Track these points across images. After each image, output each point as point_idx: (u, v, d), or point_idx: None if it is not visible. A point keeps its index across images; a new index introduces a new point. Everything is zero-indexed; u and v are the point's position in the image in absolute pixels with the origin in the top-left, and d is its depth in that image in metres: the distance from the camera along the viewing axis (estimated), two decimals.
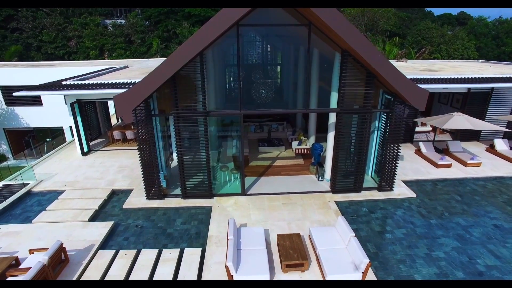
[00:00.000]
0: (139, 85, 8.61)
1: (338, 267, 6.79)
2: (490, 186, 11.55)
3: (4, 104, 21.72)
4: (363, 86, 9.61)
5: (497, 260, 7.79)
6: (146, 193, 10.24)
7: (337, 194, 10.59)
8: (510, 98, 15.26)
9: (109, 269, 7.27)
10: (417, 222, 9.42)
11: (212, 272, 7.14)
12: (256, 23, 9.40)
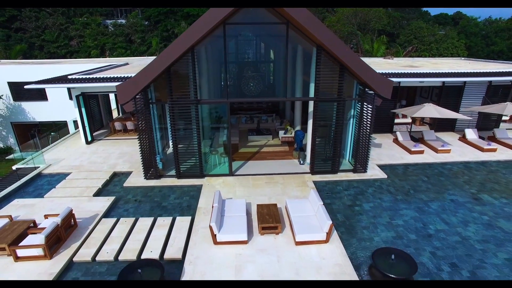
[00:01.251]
0: (138, 75, 9.84)
1: (306, 229, 7.99)
2: (455, 169, 12.76)
3: (11, 99, 22.97)
4: (337, 77, 10.81)
5: (445, 226, 9.00)
6: (144, 173, 11.48)
7: (316, 175, 11.81)
8: (481, 91, 16.42)
9: (111, 232, 8.49)
10: (384, 198, 10.63)
11: (199, 234, 8.36)
12: (241, 21, 10.57)
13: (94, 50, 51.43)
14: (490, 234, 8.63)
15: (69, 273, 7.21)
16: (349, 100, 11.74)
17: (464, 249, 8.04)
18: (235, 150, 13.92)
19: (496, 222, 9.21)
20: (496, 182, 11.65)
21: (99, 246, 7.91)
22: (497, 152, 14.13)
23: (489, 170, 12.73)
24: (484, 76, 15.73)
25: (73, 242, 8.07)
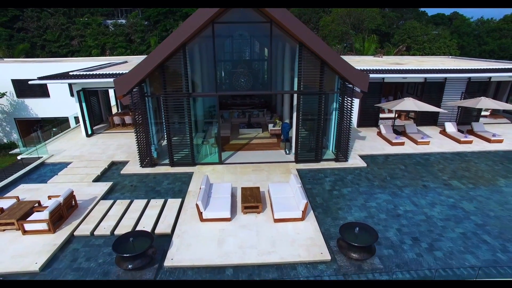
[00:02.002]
0: (133, 70, 10.71)
1: (284, 208, 8.85)
2: (432, 159, 13.61)
3: (15, 96, 23.88)
4: (318, 72, 11.66)
5: (414, 207, 9.86)
6: (140, 162, 12.37)
7: (300, 164, 12.68)
8: (461, 87, 17.25)
9: (108, 211, 9.37)
10: (362, 183, 11.49)
11: (188, 213, 9.23)
12: (229, 21, 11.40)
13: (95, 50, 52.30)
14: (452, 214, 9.48)
15: (70, 245, 8.09)
16: (331, 94, 12.56)
17: (427, 226, 8.90)
18: (226, 142, 14.79)
19: (460, 204, 10.07)
20: (467, 170, 12.50)
21: (97, 223, 8.79)
22: (472, 144, 14.96)
23: (463, 160, 13.58)
24: (463, 72, 16.57)
25: (74, 219, 8.95)
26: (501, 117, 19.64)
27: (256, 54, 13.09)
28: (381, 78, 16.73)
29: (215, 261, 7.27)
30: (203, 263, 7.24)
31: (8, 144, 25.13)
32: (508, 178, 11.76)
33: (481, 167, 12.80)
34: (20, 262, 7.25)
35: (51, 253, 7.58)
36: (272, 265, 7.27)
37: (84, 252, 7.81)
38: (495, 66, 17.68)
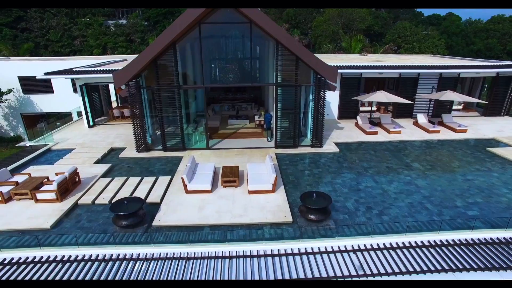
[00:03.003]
0: (130, 65, 12.20)
1: (257, 182, 10.29)
2: (400, 146, 15.04)
3: (21, 92, 25.40)
4: (294, 67, 13.10)
5: (374, 183, 11.30)
6: (136, 147, 13.85)
7: (279, 149, 14.13)
8: (433, 82, 18.67)
9: (107, 186, 10.84)
10: (332, 165, 12.93)
11: (175, 187, 10.69)
12: (214, 21, 12.83)
13: (96, 49, 53.78)
14: (406, 188, 10.93)
15: (75, 211, 9.58)
16: (307, 86, 14.00)
17: (381, 198, 10.33)
18: (215, 131, 16.26)
19: (415, 181, 11.50)
20: (429, 155, 13.94)
21: (97, 194, 10.27)
22: (440, 133, 16.39)
23: (428, 146, 15.02)
24: (434, 69, 18.00)
25: (77, 192, 10.43)
26: (473, 111, 21.05)
27: (240, 51, 14.42)
28: (359, 74, 18.16)
29: (195, 222, 8.75)
30: (185, 223, 8.71)
31: (14, 137, 26.65)
32: (462, 161, 13.20)
33: (442, 152, 14.24)
34: (35, 222, 8.74)
35: (59, 216, 9.07)
36: (243, 225, 8.74)
37: (86, 216, 9.30)
38: (463, 63, 19.11)
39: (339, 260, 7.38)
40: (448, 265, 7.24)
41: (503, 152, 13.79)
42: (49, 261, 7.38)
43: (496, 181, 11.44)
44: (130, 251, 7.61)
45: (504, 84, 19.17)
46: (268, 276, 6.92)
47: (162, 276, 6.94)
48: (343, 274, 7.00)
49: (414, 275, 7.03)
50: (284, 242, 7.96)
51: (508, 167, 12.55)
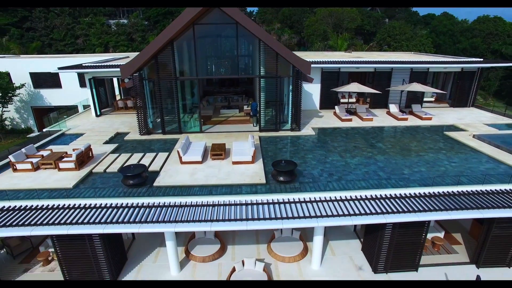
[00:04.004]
0: (134, 59, 14.35)
1: (239, 154, 12.45)
2: (370, 131, 17.19)
3: (32, 87, 27.57)
4: (274, 61, 15.24)
5: (340, 158, 13.46)
6: (139, 131, 16.02)
7: (262, 132, 16.30)
8: (405, 76, 20.80)
9: (116, 159, 13.01)
10: (307, 144, 15.09)
11: (172, 160, 12.85)
12: (206, 22, 14.94)
13: (99, 48, 55.88)
14: (365, 161, 13.09)
15: (90, 177, 11.75)
16: (286, 78, 16.13)
17: (343, 168, 12.49)
18: (208, 119, 18.43)
19: (375, 156, 13.66)
20: (393, 138, 16.11)
21: (108, 165, 12.44)
22: (408, 121, 18.53)
23: (394, 131, 17.19)
24: (405, 64, 20.14)
25: (91, 164, 12.60)
26: (445, 103, 23.19)
27: (229, 48, 16.48)
28: (337, 68, 20.31)
29: (187, 183, 10.93)
30: (179, 184, 10.89)
31: (25, 129, 28.83)
32: (420, 142, 15.36)
33: (405, 136, 16.40)
34: (60, 184, 10.93)
35: (78, 180, 11.24)
36: (225, 185, 10.90)
37: (100, 180, 11.49)
38: (432, 60, 21.25)
39: (298, 208, 9.55)
40: (381, 211, 9.42)
41: (456, 135, 15.95)
42: (74, 207, 9.57)
43: (441, 156, 13.61)
44: (136, 201, 9.80)
45: (469, 78, 21.30)
46: (242, 216, 9.10)
47: (160, 218, 9.12)
48: (299, 215, 9.18)
49: (353, 217, 9.21)
50: (257, 195, 10.14)
51: (455, 146, 14.72)
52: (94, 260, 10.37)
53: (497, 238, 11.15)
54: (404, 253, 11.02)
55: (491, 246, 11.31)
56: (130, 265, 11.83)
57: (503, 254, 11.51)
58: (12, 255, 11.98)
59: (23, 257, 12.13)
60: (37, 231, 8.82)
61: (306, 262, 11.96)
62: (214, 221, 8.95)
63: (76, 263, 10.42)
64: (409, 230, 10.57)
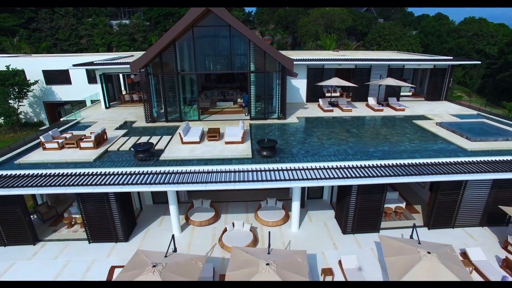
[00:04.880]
0: (141, 57, 16.69)
1: (231, 136, 14.80)
2: (348, 119, 19.53)
3: (44, 83, 29.91)
4: (263, 58, 17.57)
5: (317, 139, 15.79)
6: (145, 119, 18.37)
7: (253, 120, 18.64)
8: (383, 72, 23.15)
9: (126, 141, 15.36)
10: (290, 129, 17.43)
11: (174, 141, 15.19)
12: (204, 25, 17.25)
13: (102, 48, 58.20)
14: (338, 143, 15.42)
15: (106, 154, 14.10)
16: (275, 73, 18.46)
17: (318, 147, 14.83)
18: (206, 110, 20.78)
19: (348, 139, 16.00)
20: (367, 125, 18.46)
21: (120, 145, 14.79)
22: (383, 111, 20.88)
23: (370, 119, 19.53)
24: (383, 61, 22.50)
25: (106, 144, 14.95)
26: (421, 97, 25.52)
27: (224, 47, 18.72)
28: (321, 65, 22.66)
29: (187, 157, 13.28)
30: (181, 158, 13.25)
31: (37, 122, 31.16)
32: (389, 128, 17.72)
33: (377, 123, 18.77)
34: (83, 158, 13.28)
35: (97, 156, 13.58)
36: (219, 159, 13.25)
37: (115, 156, 13.84)
38: (407, 57, 23.60)
39: (276, 174, 11.90)
40: (345, 176, 11.76)
41: (422, 123, 18.29)
42: (96, 174, 11.93)
43: (405, 138, 15.96)
44: (146, 169, 12.16)
45: (441, 74, 23.66)
46: (230, 179, 11.46)
47: (166, 181, 11.46)
48: (276, 179, 11.53)
49: (319, 180, 11.55)
50: (243, 165, 12.50)
51: (419, 131, 17.07)
52: (111, 220, 12.77)
53: (442, 204, 13.54)
54: (367, 216, 13.40)
55: (438, 211, 13.71)
56: (139, 229, 14.23)
57: (448, 217, 13.90)
58: (42, 220, 14.36)
59: (50, 222, 14.53)
60: (69, 190, 11.18)
61: (286, 226, 14.37)
62: (208, 183, 11.31)
63: (97, 223, 12.82)
64: (370, 196, 12.97)
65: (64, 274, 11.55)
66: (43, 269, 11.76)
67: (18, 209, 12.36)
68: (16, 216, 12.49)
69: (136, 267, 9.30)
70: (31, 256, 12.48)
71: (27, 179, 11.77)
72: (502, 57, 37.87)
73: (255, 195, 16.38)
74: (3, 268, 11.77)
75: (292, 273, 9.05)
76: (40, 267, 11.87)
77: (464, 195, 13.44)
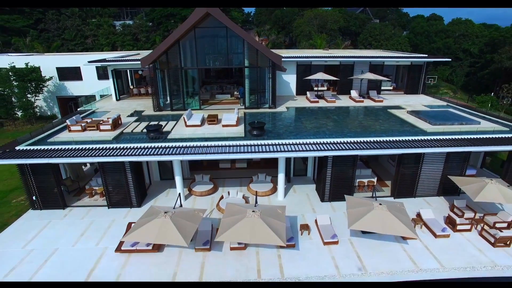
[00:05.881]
0: (150, 54, 19.35)
1: (227, 120, 17.44)
2: (330, 109, 22.17)
3: (58, 80, 32.59)
4: (255, 55, 20.22)
5: (301, 124, 18.43)
6: (153, 108, 21.05)
7: (247, 109, 21.30)
8: (365, 68, 25.79)
9: (138, 125, 18.01)
10: (279, 117, 20.05)
11: (179, 124, 17.83)
12: (205, 26, 19.88)
13: (106, 47, 60.83)
14: (319, 126, 18.05)
15: (122, 135, 16.75)
16: (267, 69, 21.11)
17: (301, 129, 17.45)
18: (206, 101, 23.43)
19: (328, 122, 18.65)
20: (347, 113, 21.11)
21: (133, 128, 17.46)
22: (363, 102, 23.53)
23: (351, 109, 22.17)
24: (364, 58, 25.15)
25: (121, 128, 17.60)
26: (401, 90, 28.15)
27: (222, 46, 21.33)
28: (309, 61, 25.31)
29: (191, 135, 15.94)
30: (185, 136, 15.90)
31: (50, 115, 33.83)
32: (366, 116, 20.36)
33: (356, 112, 21.41)
34: (102, 138, 15.94)
35: (114, 136, 16.24)
36: (217, 138, 15.90)
37: (129, 136, 16.50)
38: (386, 55, 26.24)
39: (263, 148, 14.55)
40: (321, 149, 14.41)
41: (396, 111, 20.91)
42: (115, 149, 14.58)
43: (377, 123, 18.59)
44: (156, 144, 14.82)
45: (417, 70, 26.30)
46: (225, 151, 14.11)
47: (175, 152, 14.10)
48: (263, 151, 14.17)
49: (298, 152, 14.20)
50: (237, 141, 15.16)
51: (391, 118, 19.70)
52: (127, 188, 15.44)
53: (404, 176, 16.20)
54: (341, 185, 16.04)
55: (401, 182, 16.37)
56: (149, 198, 16.92)
57: (410, 187, 16.55)
58: (68, 191, 17.02)
59: (74, 193, 17.20)
60: (94, 159, 13.87)
61: (274, 196, 17.05)
62: (208, 154, 13.97)
63: (115, 190, 15.47)
64: (343, 168, 15.62)
65: (91, 229, 14.23)
66: (73, 226, 14.44)
67: (52, 178, 15.05)
68: (50, 185, 15.17)
69: (150, 215, 11.98)
70: (63, 217, 15.17)
71: (59, 152, 14.43)
72: (482, 56, 40.49)
73: (248, 174, 19.06)
74: (42, 225, 14.47)
75: (272, 218, 11.71)
76: (70, 224, 14.56)
77: (422, 168, 16.10)
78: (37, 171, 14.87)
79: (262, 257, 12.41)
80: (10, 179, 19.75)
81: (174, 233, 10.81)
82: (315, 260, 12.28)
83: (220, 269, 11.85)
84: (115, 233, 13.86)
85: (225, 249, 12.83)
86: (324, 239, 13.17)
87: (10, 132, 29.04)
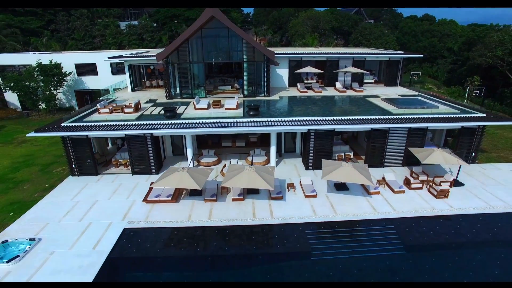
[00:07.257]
0: (163, 51, 23.02)
1: (229, 105, 21.09)
2: (317, 98, 25.84)
3: (76, 75, 36.24)
4: (252, 51, 23.90)
5: (290, 108, 22.13)
6: (166, 97, 24.73)
7: (246, 97, 24.99)
8: (349, 63, 29.48)
9: (155, 109, 21.69)
10: (272, 103, 23.73)
11: (189, 109, 21.50)
12: (209, 27, 23.51)
13: (113, 46, 64.45)
14: (304, 109, 21.72)
15: (143, 116, 20.42)
16: (262, 63, 24.79)
17: (290, 111, 21.13)
18: (210, 91, 27.13)
19: (312, 107, 22.32)
20: (331, 101, 24.79)
21: (151, 111, 21.14)
22: (346, 93, 27.23)
23: (337, 99, 25.85)
24: (347, 54, 28.84)
25: (141, 111, 21.26)
26: (382, 83, 31.81)
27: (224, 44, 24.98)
28: (299, 57, 29.00)
29: (200, 116, 19.62)
30: (195, 116, 19.59)
31: (69, 108, 37.45)
32: (346, 102, 24.04)
33: (338, 100, 25.09)
34: (126, 118, 19.61)
35: (136, 116, 19.90)
36: (221, 117, 19.57)
37: (149, 116, 20.17)
38: (367, 52, 29.92)
39: (258, 123, 18.22)
40: (304, 124, 18.07)
41: (373, 99, 24.59)
42: (138, 125, 18.26)
43: (355, 109, 22.26)
44: (171, 122, 18.50)
45: (395, 65, 29.98)
46: (227, 126, 17.79)
47: (187, 127, 17.77)
48: (258, 125, 17.84)
49: (286, 126, 17.87)
50: (236, 119, 18.85)
51: (368, 104, 23.37)
52: (147, 157, 19.12)
53: (373, 149, 19.89)
54: (321, 157, 19.70)
55: (371, 153, 20.06)
56: (164, 168, 20.57)
57: (379, 158, 20.23)
58: (97, 163, 20.71)
59: (102, 164, 20.89)
60: (122, 132, 17.54)
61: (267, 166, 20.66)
62: (214, 127, 17.62)
63: (138, 159, 19.17)
64: (323, 141, 19.30)
65: (120, 189, 17.89)
66: (106, 187, 18.12)
67: (88, 149, 18.72)
68: (86, 155, 18.85)
69: (171, 171, 15.67)
70: (96, 181, 18.85)
71: (94, 127, 18.11)
72: (461, 54, 44.16)
73: (246, 151, 22.75)
74: (81, 186, 18.15)
75: (264, 173, 15.38)
76: (104, 185, 18.24)
77: (388, 141, 19.77)
78: (76, 143, 18.54)
79: (256, 205, 16.08)
80: (45, 156, 23.39)
81: (190, 180, 14.50)
82: (297, 207, 15.96)
83: (224, 213, 15.52)
84: (140, 191, 17.52)
85: (228, 200, 16.52)
86: (305, 193, 16.85)
87: (36, 121, 32.67)
